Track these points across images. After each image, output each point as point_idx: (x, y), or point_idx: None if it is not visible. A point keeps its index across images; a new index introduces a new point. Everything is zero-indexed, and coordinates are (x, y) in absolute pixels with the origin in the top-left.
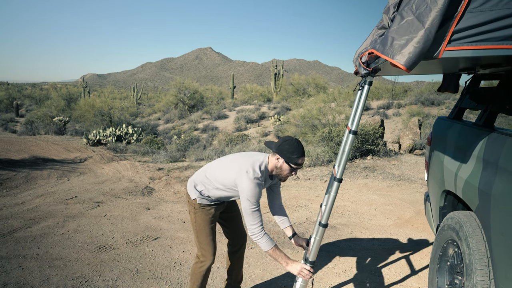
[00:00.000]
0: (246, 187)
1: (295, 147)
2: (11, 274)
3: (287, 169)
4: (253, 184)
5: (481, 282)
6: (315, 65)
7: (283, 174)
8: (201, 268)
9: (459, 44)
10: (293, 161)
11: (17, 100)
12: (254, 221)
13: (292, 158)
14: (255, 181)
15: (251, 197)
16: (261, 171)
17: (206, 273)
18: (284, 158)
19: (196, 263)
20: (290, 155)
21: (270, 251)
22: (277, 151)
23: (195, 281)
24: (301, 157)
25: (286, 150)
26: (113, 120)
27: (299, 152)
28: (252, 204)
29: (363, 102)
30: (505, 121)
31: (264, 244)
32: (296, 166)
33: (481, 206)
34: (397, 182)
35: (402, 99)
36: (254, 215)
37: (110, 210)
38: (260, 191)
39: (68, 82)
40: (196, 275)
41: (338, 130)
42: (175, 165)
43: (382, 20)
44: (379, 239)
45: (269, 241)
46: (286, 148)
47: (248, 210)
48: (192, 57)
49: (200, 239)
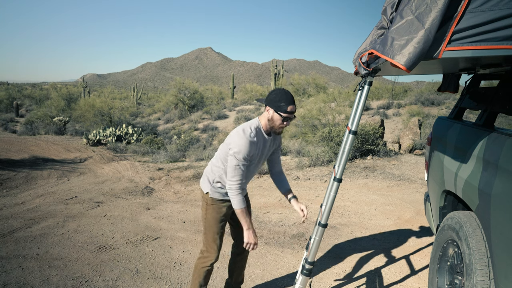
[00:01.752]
0: (234, 142)
1: (282, 95)
2: (11, 274)
3: (278, 119)
4: (243, 140)
5: (481, 282)
6: (315, 65)
7: (275, 125)
8: (204, 263)
9: (459, 44)
10: (282, 109)
11: (17, 100)
12: (234, 177)
13: (281, 106)
14: (245, 137)
15: (238, 153)
16: (254, 129)
17: (209, 270)
18: (273, 108)
19: (200, 258)
20: (278, 103)
21: (238, 210)
22: (266, 102)
23: (197, 277)
24: (289, 105)
25: (274, 99)
26: (113, 120)
27: (287, 100)
28: (237, 160)
29: (363, 102)
30: (505, 121)
31: (235, 202)
32: (286, 115)
33: (481, 206)
34: (397, 182)
35: (402, 99)
36: (236, 171)
37: (110, 210)
38: (249, 149)
39: (68, 82)
40: (199, 271)
41: (338, 130)
42: (175, 165)
43: (381, 20)
44: (379, 239)
45: (241, 202)
46: (273, 97)
47: (232, 165)
48: (192, 57)
49: (208, 235)
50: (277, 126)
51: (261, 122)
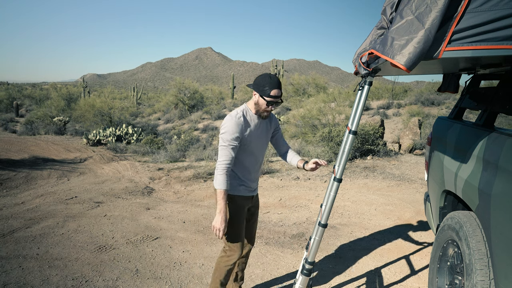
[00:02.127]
0: (223, 125)
1: (266, 80)
2: (11, 274)
3: (263, 103)
4: (229, 122)
5: (481, 282)
6: (315, 65)
7: (261, 109)
8: (227, 262)
9: (459, 44)
10: (266, 94)
11: (17, 100)
12: (221, 157)
13: (265, 90)
14: (232, 118)
15: (224, 134)
16: (240, 111)
17: (231, 268)
18: (258, 92)
19: (222, 257)
20: (262, 88)
21: (217, 190)
22: (253, 86)
23: (218, 275)
24: (273, 89)
25: (259, 84)
26: (113, 120)
27: (271, 84)
28: (223, 140)
29: (363, 102)
30: (505, 121)
31: (217, 181)
32: (270, 99)
33: (481, 206)
34: (397, 182)
35: (402, 99)
36: (222, 151)
37: (110, 210)
38: (235, 130)
39: (68, 82)
40: (221, 270)
41: (338, 130)
42: (175, 165)
43: (381, 20)
44: (379, 239)
45: (223, 182)
46: (258, 81)
47: (220, 146)
48: (192, 57)
49: (230, 236)
50: (262, 109)
51: (248, 105)
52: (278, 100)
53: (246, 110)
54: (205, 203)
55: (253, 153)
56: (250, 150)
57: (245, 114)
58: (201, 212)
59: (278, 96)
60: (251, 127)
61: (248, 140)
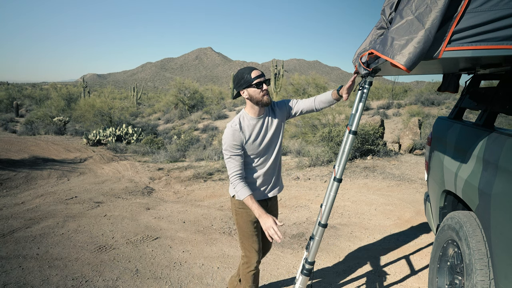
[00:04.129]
0: (222, 139)
1: (240, 73)
2: (11, 274)
3: (254, 91)
4: (226, 132)
5: (481, 282)
6: (315, 65)
7: (258, 98)
8: (248, 268)
9: (459, 44)
10: (249, 81)
11: (17, 100)
12: (229, 170)
13: (247, 79)
14: (230, 128)
15: (224, 144)
16: (237, 119)
17: (255, 273)
18: (243, 87)
19: (243, 265)
20: (243, 80)
21: (244, 200)
22: (236, 88)
23: (246, 283)
24: (251, 72)
25: (238, 82)
26: (113, 120)
27: (246, 70)
28: (225, 152)
29: (363, 102)
30: (505, 121)
31: (238, 193)
32: (256, 81)
33: (481, 206)
34: (397, 182)
35: (402, 99)
36: (228, 164)
37: (110, 210)
38: (232, 139)
39: (68, 82)
40: (245, 276)
41: (338, 130)
42: (175, 165)
43: (380, 20)
44: (379, 239)
45: (243, 190)
46: (236, 81)
47: (224, 159)
48: (192, 57)
49: (243, 239)
50: (259, 97)
51: (246, 110)
52: (264, 77)
53: (243, 116)
54: (205, 203)
55: (265, 155)
56: (259, 154)
57: (241, 120)
58: (201, 212)
59: (261, 75)
60: (251, 132)
61: (253, 145)
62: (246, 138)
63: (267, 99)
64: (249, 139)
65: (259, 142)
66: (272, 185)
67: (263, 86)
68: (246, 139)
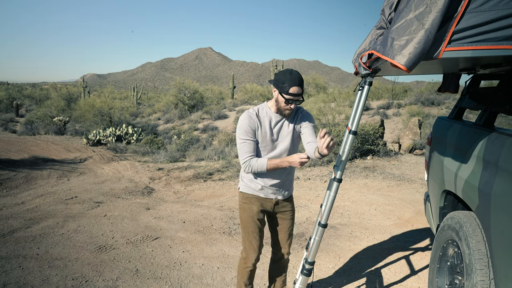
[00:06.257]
0: (239, 121)
1: (286, 77)
2: (11, 274)
3: (282, 100)
4: (244, 117)
5: (481, 282)
6: (315, 65)
7: (281, 107)
8: (245, 264)
9: (459, 45)
10: (284, 91)
11: (17, 100)
12: (241, 156)
13: (284, 87)
14: (246, 114)
15: (238, 129)
16: (256, 108)
17: (251, 270)
18: (278, 89)
19: (241, 259)
20: (281, 84)
21: (268, 168)
22: (273, 82)
23: (240, 278)
24: (292, 86)
25: (279, 80)
26: (113, 120)
27: (291, 80)
28: (238, 138)
29: (363, 102)
30: (505, 121)
31: (258, 168)
32: (289, 96)
33: (481, 206)
34: (397, 182)
35: (402, 99)
36: (240, 150)
37: (110, 210)
38: (245, 125)
39: (68, 82)
40: (241, 271)
41: (338, 130)
42: (175, 165)
43: (380, 20)
44: (379, 239)
45: (260, 163)
46: (278, 78)
47: (237, 145)
48: (192, 57)
49: (243, 234)
50: (282, 108)
51: (268, 103)
52: (298, 98)
53: (263, 107)
54: (205, 203)
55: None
56: (267, 149)
57: (260, 110)
58: (201, 212)
59: (297, 94)
60: (265, 124)
61: (264, 135)
62: (260, 126)
63: (287, 113)
64: (262, 129)
65: (269, 134)
66: (279, 187)
67: (291, 104)
68: (260, 127)
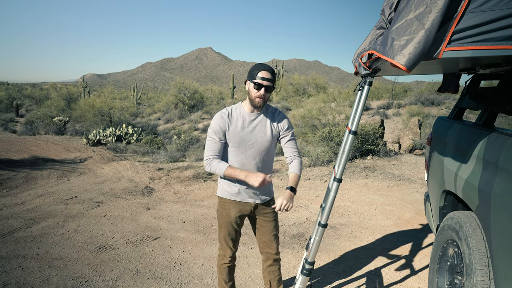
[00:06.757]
0: (212, 119)
1: (256, 66)
2: (11, 274)
3: (252, 87)
4: (216, 116)
5: (481, 282)
6: (315, 65)
7: (252, 96)
8: (222, 261)
9: (459, 45)
10: (254, 76)
11: (17, 100)
12: (205, 153)
13: (254, 73)
14: (219, 114)
15: (209, 128)
16: (232, 108)
17: (229, 266)
18: (248, 78)
19: (218, 256)
20: (251, 73)
21: (225, 174)
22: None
23: (219, 274)
24: (261, 71)
25: (249, 72)
26: (113, 120)
27: (260, 67)
28: (208, 135)
29: (363, 102)
30: (505, 121)
31: (217, 171)
32: (258, 80)
33: (481, 206)
34: (397, 182)
35: (402, 99)
36: (206, 147)
37: (110, 210)
38: (215, 124)
39: (68, 82)
40: (219, 268)
41: (338, 130)
42: (175, 165)
43: (380, 20)
44: (379, 239)
45: (219, 167)
46: (250, 70)
47: (206, 141)
48: (192, 57)
49: (219, 234)
50: (253, 96)
51: (242, 103)
52: (268, 83)
53: (237, 107)
54: (205, 203)
55: (245, 153)
56: (240, 149)
57: (233, 110)
58: (201, 212)
59: (267, 79)
60: (237, 124)
61: (234, 137)
62: (230, 126)
63: (258, 102)
64: (231, 129)
65: (242, 134)
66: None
67: (261, 89)
68: (231, 127)
